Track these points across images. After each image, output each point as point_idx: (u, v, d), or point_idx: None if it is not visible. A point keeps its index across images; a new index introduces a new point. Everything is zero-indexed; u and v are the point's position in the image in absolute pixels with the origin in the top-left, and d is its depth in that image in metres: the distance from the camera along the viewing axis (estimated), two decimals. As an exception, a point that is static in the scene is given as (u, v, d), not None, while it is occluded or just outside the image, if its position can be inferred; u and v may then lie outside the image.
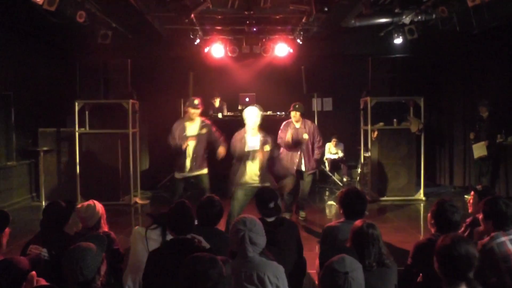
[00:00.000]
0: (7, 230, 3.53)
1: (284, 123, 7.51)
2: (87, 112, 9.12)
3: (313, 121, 8.72)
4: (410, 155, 9.21)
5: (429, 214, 3.59)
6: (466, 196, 8.32)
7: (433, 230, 3.50)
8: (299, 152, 7.32)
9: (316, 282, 3.34)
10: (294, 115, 7.37)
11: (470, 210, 4.30)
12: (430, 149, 10.51)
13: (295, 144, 7.28)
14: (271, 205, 3.87)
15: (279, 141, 7.24)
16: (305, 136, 7.27)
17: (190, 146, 6.62)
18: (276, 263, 3.00)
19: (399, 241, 6.20)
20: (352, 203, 3.74)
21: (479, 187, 4.42)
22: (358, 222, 3.13)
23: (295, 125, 7.38)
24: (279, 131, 7.38)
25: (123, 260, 3.96)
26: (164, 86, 11.47)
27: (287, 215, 6.96)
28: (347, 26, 9.58)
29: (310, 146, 7.37)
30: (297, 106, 7.41)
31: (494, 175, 8.81)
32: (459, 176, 10.23)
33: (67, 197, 8.86)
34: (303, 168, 7.33)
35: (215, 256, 2.42)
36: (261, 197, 3.96)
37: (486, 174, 8.82)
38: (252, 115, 6.02)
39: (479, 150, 8.83)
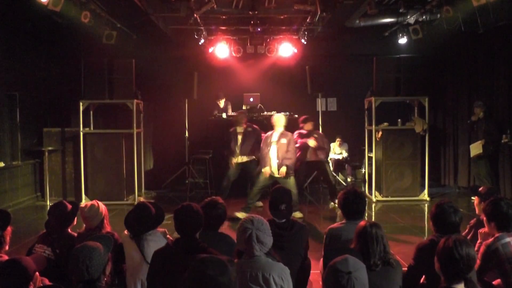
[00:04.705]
0: (9, 228, 3.56)
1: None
2: (91, 112, 9.15)
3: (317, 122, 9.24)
4: (415, 156, 9.19)
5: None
6: (473, 198, 8.29)
7: (435, 232, 3.50)
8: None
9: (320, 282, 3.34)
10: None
11: (477, 212, 4.30)
12: (435, 150, 10.49)
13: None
14: (282, 207, 3.82)
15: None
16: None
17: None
18: (282, 264, 2.99)
19: (403, 241, 6.20)
20: (351, 203, 3.77)
21: (481, 189, 4.41)
22: (362, 222, 3.18)
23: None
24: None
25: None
26: (168, 86, 11.49)
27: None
28: (352, 26, 9.57)
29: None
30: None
31: (492, 174, 8.79)
32: (463, 177, 10.19)
33: (72, 196, 8.99)
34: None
35: (224, 260, 2.31)
36: (273, 198, 3.91)
37: (490, 173, 8.79)
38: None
39: (475, 149, 8.89)
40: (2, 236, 3.44)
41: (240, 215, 7.37)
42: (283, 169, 7.39)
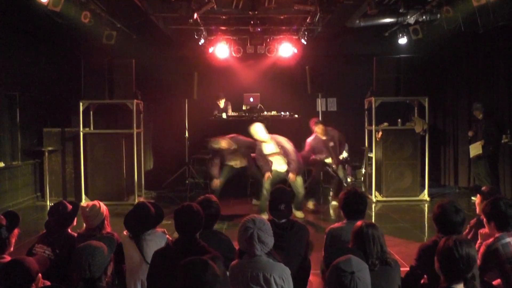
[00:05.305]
0: (16, 230, 3.56)
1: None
2: (91, 112, 9.14)
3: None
4: (415, 156, 9.19)
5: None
6: (473, 198, 8.32)
7: (438, 232, 3.50)
8: None
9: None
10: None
11: (477, 211, 4.31)
12: (435, 150, 10.49)
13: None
14: (282, 207, 3.84)
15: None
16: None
17: None
18: (283, 264, 3.00)
19: (403, 241, 6.21)
20: (352, 204, 3.78)
21: (483, 188, 4.42)
22: (358, 223, 3.18)
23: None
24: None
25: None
26: (168, 86, 11.49)
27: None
28: (352, 26, 9.56)
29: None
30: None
31: (492, 175, 8.80)
32: (463, 177, 10.19)
33: (72, 196, 8.99)
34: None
35: (205, 259, 2.43)
36: (273, 198, 3.94)
37: (490, 173, 8.80)
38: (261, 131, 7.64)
39: (475, 149, 8.94)
40: (7, 238, 3.44)
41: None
42: (291, 176, 7.58)
